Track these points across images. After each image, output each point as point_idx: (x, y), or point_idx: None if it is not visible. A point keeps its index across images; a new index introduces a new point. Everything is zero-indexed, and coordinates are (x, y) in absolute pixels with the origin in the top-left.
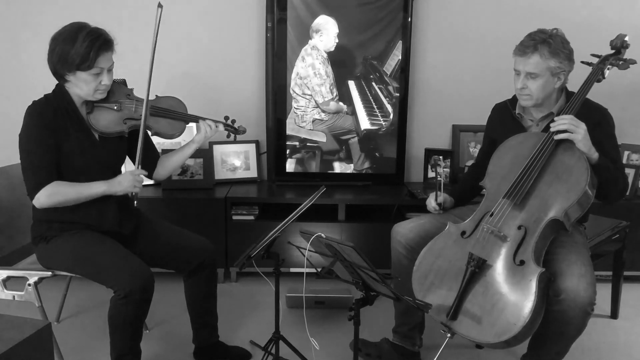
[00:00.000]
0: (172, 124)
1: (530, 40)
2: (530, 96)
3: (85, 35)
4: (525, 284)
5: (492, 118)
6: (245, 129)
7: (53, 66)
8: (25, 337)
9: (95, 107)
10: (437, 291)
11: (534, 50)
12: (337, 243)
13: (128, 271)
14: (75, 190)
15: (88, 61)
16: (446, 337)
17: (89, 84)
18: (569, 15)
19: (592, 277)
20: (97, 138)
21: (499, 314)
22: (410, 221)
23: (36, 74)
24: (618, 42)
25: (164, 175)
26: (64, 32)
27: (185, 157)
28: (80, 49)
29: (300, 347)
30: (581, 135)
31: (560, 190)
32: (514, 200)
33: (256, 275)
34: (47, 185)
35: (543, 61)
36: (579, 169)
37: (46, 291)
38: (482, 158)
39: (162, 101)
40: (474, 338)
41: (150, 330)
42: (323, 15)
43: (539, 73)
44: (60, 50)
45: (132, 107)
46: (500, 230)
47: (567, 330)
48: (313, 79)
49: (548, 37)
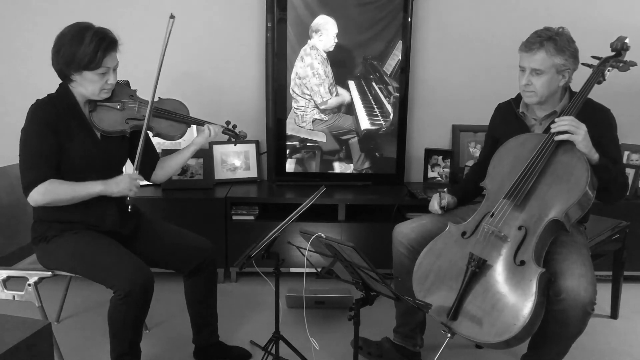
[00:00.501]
0: (173, 126)
1: (536, 37)
2: (534, 93)
3: (92, 36)
4: (526, 284)
5: (495, 117)
6: (246, 135)
7: (58, 66)
8: (25, 337)
9: (99, 106)
10: (437, 291)
11: (540, 46)
12: (337, 243)
13: (128, 271)
14: (71, 189)
15: (95, 61)
16: (446, 337)
17: (95, 83)
18: (570, 15)
19: (593, 277)
20: (99, 137)
21: (499, 314)
22: (412, 221)
23: (36, 74)
24: (618, 44)
25: (162, 178)
26: (69, 33)
27: (185, 159)
28: (87, 49)
29: (300, 347)
30: (581, 137)
31: (560, 191)
32: (514, 201)
33: (256, 275)
34: (42, 183)
35: (548, 58)
36: (579, 169)
37: (46, 291)
38: (485, 157)
39: (164, 103)
40: (474, 338)
41: (150, 330)
42: (322, 15)
43: (544, 70)
44: (67, 51)
45: (134, 107)
46: (501, 230)
47: (567, 330)
48: (312, 79)
49: (554, 34)
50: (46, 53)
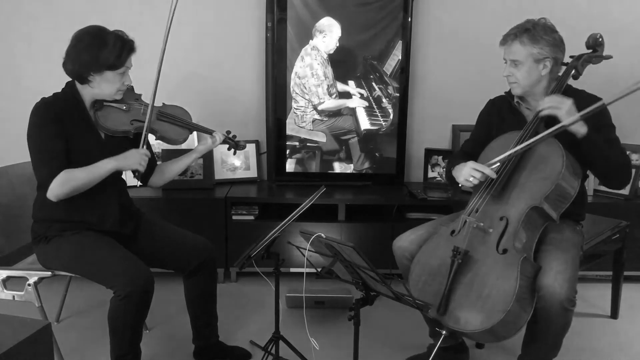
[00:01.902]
0: (176, 131)
1: (513, 29)
2: (517, 84)
3: (115, 37)
4: (508, 270)
5: (489, 111)
6: (245, 145)
7: (77, 67)
8: (25, 337)
9: (105, 106)
10: (429, 289)
11: (514, 38)
12: (337, 243)
13: (128, 272)
14: (87, 172)
15: (119, 62)
16: (441, 334)
17: (114, 84)
18: (570, 14)
19: (572, 274)
20: (103, 137)
21: (484, 302)
22: (410, 233)
23: (37, 75)
24: (590, 41)
25: (160, 183)
26: (88, 35)
27: (186, 165)
28: (114, 50)
29: (300, 347)
30: (564, 110)
31: (537, 178)
32: (491, 192)
33: (256, 275)
34: (57, 176)
35: (523, 48)
36: (554, 156)
37: (46, 291)
38: (473, 147)
39: (168, 108)
40: (461, 329)
41: (150, 330)
42: (328, 17)
43: (521, 60)
44: (90, 52)
45: (140, 109)
46: (483, 222)
47: (550, 326)
48: (310, 80)
49: (531, 25)
50: (46, 53)
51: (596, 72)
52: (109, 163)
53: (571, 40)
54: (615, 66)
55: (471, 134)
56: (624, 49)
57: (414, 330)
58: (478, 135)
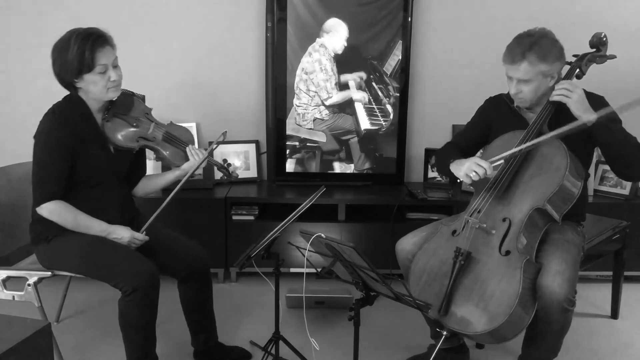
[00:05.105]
0: (178, 154)
1: (517, 47)
2: (524, 99)
3: (75, 39)
4: (511, 272)
5: (489, 108)
6: (238, 175)
7: (59, 77)
8: (25, 337)
9: (114, 118)
10: (430, 289)
11: (522, 58)
12: (337, 243)
13: (133, 267)
14: (76, 220)
15: (85, 62)
16: (442, 335)
17: (98, 83)
18: (570, 14)
19: (572, 274)
20: (112, 150)
21: (486, 304)
22: (412, 235)
23: (40, 76)
24: (594, 40)
25: (142, 194)
26: (59, 42)
27: (168, 182)
28: (74, 53)
29: (300, 347)
30: (575, 98)
31: (541, 180)
32: (494, 193)
33: (256, 275)
34: (54, 202)
35: (532, 68)
36: (558, 157)
37: (46, 291)
38: (466, 141)
39: (174, 129)
40: (463, 330)
41: None
42: (334, 18)
43: (530, 78)
44: (60, 60)
45: (148, 127)
46: (486, 223)
47: (550, 326)
48: (319, 74)
49: (535, 41)
50: (44, 55)
51: (597, 72)
52: (100, 227)
53: (572, 39)
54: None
55: (464, 129)
56: (627, 48)
57: (414, 330)
58: (470, 133)
